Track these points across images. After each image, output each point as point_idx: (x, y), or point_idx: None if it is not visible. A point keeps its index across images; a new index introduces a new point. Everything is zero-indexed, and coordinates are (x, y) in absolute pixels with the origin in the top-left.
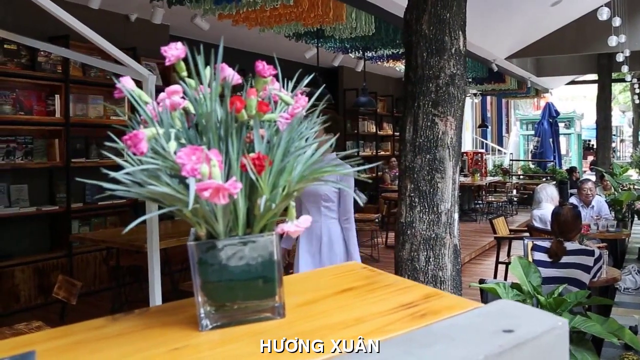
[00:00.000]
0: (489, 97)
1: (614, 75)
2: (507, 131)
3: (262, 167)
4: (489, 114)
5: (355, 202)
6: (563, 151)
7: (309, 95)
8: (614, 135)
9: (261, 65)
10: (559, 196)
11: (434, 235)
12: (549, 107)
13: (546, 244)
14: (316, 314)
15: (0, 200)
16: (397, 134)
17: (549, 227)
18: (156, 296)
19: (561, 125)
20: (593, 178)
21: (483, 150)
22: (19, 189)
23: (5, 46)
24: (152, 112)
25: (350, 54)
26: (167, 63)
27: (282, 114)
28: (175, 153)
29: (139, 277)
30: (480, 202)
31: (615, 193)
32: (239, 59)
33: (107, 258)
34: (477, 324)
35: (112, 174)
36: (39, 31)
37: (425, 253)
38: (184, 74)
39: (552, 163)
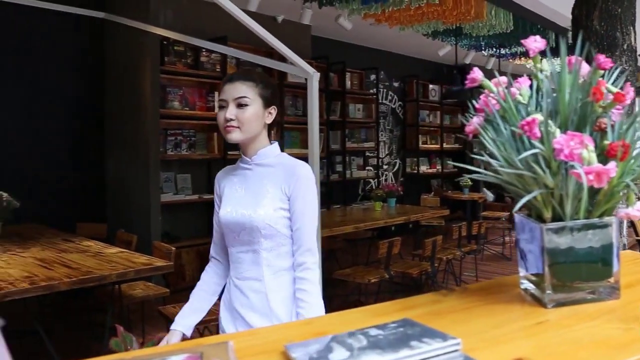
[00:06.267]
0: None
1: None
2: None
3: (627, 154)
4: None
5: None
6: None
7: None
8: None
9: (602, 58)
10: None
11: None
12: None
13: None
14: None
15: (168, 188)
16: None
17: None
18: None
19: None
20: None
21: None
22: (184, 178)
23: (176, 48)
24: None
25: (483, 52)
26: (531, 54)
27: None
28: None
29: None
30: None
31: None
32: (376, 57)
33: None
34: None
35: (490, 160)
36: (201, 33)
37: None
38: (539, 65)
39: None
